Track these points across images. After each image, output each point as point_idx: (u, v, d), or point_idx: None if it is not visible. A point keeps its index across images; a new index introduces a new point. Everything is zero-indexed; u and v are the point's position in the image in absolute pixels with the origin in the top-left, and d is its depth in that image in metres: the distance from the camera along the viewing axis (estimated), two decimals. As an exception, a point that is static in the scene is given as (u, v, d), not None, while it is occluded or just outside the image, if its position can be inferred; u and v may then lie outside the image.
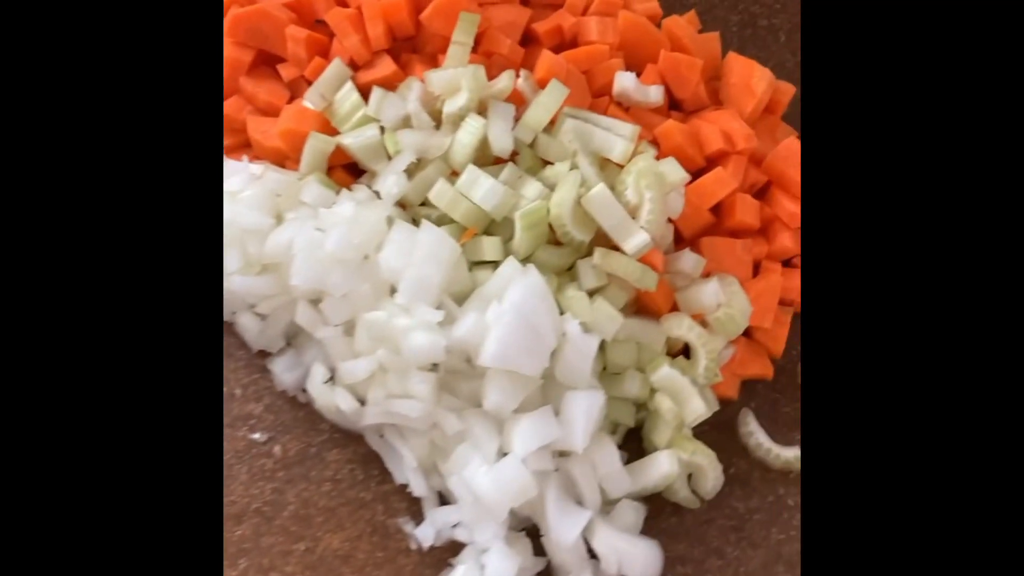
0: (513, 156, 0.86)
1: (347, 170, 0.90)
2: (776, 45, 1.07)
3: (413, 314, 0.77)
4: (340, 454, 0.83)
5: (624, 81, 0.89)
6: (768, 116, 0.98)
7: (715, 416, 0.86)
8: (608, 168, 0.85)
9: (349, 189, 0.86)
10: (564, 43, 0.94)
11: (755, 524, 0.83)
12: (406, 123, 0.87)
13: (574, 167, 0.82)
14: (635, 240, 0.79)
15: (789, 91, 0.98)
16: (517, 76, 0.88)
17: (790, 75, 1.05)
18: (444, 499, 0.81)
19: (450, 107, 0.85)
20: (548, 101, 0.84)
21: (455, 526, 0.79)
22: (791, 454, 0.84)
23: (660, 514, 0.83)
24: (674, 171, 0.83)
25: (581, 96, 0.89)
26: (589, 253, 0.82)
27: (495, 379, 0.76)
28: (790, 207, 0.90)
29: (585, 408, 0.76)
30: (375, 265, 0.79)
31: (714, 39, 1.00)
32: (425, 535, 0.79)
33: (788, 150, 0.91)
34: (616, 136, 0.83)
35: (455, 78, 0.85)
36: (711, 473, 0.81)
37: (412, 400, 0.76)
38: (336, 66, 0.90)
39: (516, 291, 0.76)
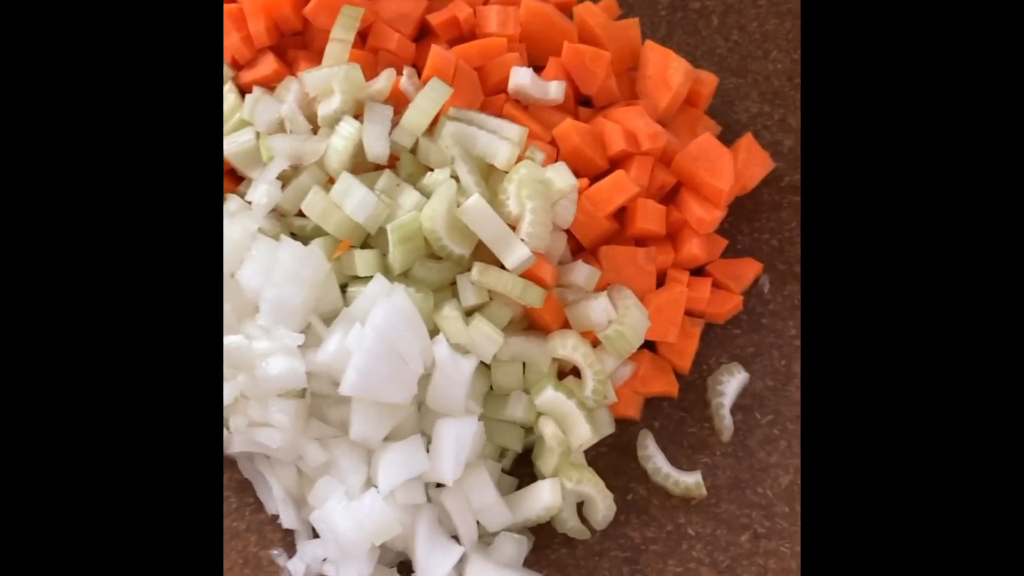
0: (395, 161, 0.81)
1: (228, 177, 0.85)
2: (708, 29, 1.00)
3: (273, 337, 0.72)
4: (211, 481, 0.78)
5: (520, 77, 0.83)
6: (689, 109, 0.92)
7: (614, 437, 0.82)
8: (495, 175, 0.79)
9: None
10: (462, 35, 0.88)
11: (651, 556, 0.78)
12: (283, 127, 0.81)
13: (455, 174, 0.77)
14: (515, 255, 0.74)
15: (712, 82, 0.91)
16: (400, 74, 0.81)
17: (722, 61, 0.98)
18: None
19: (324, 110, 0.79)
20: (427, 102, 0.78)
21: (325, 560, 0.74)
22: (691, 480, 0.79)
23: (550, 544, 0.78)
24: (562, 178, 0.77)
25: (473, 95, 0.83)
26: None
27: (360, 407, 0.71)
28: (699, 212, 0.83)
29: (456, 436, 0.71)
30: (236, 283, 0.74)
31: (633, 26, 0.93)
32: (296, 569, 0.75)
33: (700, 149, 0.84)
34: (501, 140, 0.77)
35: (329, 78, 0.79)
36: (601, 503, 0.76)
37: (273, 429, 0.72)
38: (214, 65, 0.84)
39: (379, 313, 0.70)
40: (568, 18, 0.91)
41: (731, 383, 0.82)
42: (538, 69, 0.87)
